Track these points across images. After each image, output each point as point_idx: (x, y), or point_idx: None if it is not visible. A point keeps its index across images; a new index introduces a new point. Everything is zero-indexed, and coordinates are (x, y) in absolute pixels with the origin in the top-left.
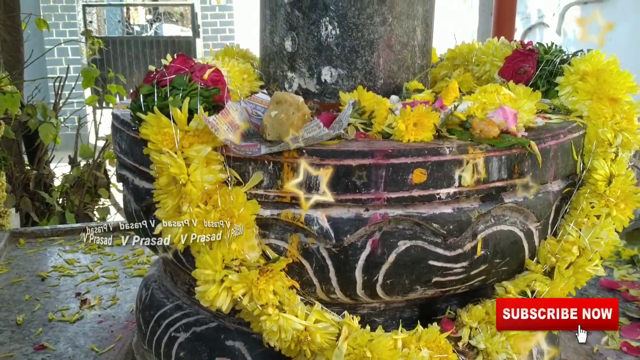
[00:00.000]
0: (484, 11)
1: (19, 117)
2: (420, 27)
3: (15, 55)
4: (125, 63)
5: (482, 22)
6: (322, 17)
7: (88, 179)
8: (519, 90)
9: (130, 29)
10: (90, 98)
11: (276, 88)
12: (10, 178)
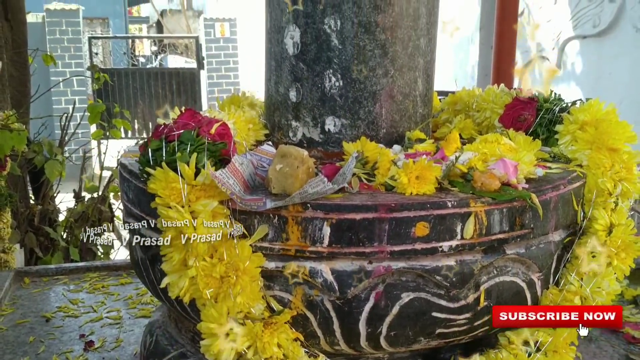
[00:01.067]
0: (484, 44)
1: (25, 154)
2: (421, 78)
3: (22, 90)
4: (130, 94)
5: (483, 56)
6: (326, 70)
7: (92, 213)
8: (519, 139)
9: (135, 60)
10: (96, 133)
11: (281, 136)
12: (15, 214)
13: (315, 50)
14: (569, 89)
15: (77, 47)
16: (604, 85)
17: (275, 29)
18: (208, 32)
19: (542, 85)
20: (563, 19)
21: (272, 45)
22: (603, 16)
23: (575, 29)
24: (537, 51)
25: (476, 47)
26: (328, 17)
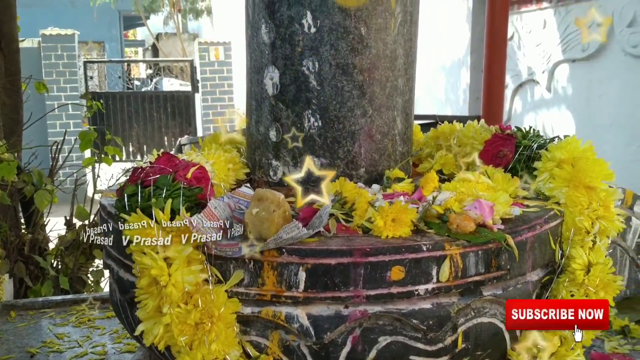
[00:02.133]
0: (475, 68)
1: (15, 183)
2: (400, 117)
3: (15, 117)
4: (125, 117)
5: (474, 79)
6: (305, 110)
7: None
8: (497, 176)
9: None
10: (88, 160)
11: (262, 175)
12: (5, 243)
13: (295, 91)
14: (560, 112)
15: (72, 72)
16: (594, 108)
17: (255, 69)
18: (203, 55)
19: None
20: (552, 43)
21: (253, 85)
22: (592, 40)
23: (564, 53)
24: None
25: (467, 70)
26: (306, 59)
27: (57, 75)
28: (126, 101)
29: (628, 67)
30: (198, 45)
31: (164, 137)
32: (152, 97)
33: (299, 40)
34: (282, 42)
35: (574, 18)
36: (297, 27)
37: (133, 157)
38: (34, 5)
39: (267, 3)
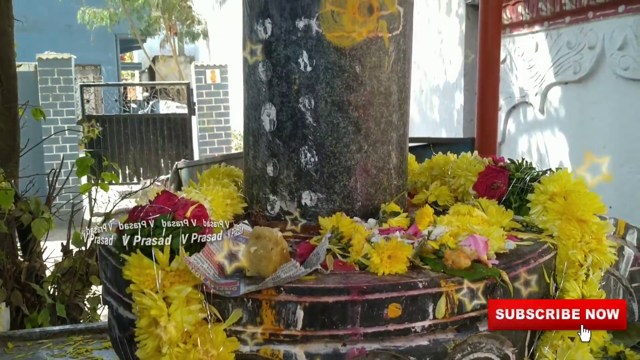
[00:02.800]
0: (469, 90)
1: (12, 212)
2: (395, 151)
3: (12, 144)
4: (122, 140)
5: (467, 101)
6: (302, 146)
7: (80, 267)
8: (491, 209)
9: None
10: (84, 186)
11: (259, 209)
12: (1, 272)
13: (291, 128)
14: (553, 133)
15: (69, 95)
16: (587, 130)
17: (252, 106)
18: (199, 78)
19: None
20: (545, 66)
21: (250, 122)
22: (583, 63)
23: (556, 76)
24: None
25: (461, 93)
26: (303, 97)
27: (54, 99)
28: (123, 124)
29: (620, 90)
30: (194, 68)
31: (161, 160)
32: (149, 119)
33: (296, 78)
34: (279, 80)
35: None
36: (294, 66)
37: (129, 180)
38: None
39: (264, 43)
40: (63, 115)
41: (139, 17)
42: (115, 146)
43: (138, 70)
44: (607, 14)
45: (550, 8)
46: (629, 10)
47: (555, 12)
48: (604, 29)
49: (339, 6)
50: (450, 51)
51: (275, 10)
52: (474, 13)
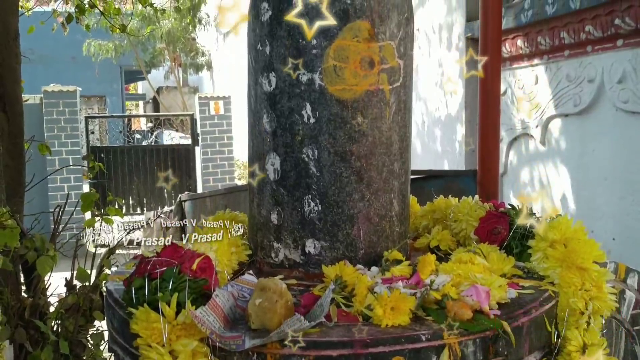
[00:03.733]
0: (470, 122)
1: (17, 250)
2: (397, 199)
3: (18, 179)
4: (126, 171)
5: (469, 133)
6: (305, 195)
7: (84, 303)
8: (493, 256)
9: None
10: (89, 221)
11: (263, 256)
12: (6, 309)
13: (295, 177)
14: (555, 165)
15: (74, 127)
16: (588, 162)
17: (257, 155)
18: (203, 109)
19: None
20: (545, 98)
21: (255, 170)
22: (583, 96)
23: (557, 108)
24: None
25: (462, 125)
26: (306, 147)
27: (59, 130)
28: (127, 155)
29: (620, 122)
30: (198, 99)
31: (164, 190)
32: (153, 150)
33: (299, 129)
34: (283, 131)
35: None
36: (297, 117)
37: (133, 211)
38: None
39: (269, 95)
40: (68, 146)
41: (143, 49)
42: (119, 177)
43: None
44: (606, 48)
45: (549, 42)
46: (627, 45)
47: (555, 46)
48: (602, 63)
49: (341, 61)
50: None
51: (279, 64)
52: (474, 46)
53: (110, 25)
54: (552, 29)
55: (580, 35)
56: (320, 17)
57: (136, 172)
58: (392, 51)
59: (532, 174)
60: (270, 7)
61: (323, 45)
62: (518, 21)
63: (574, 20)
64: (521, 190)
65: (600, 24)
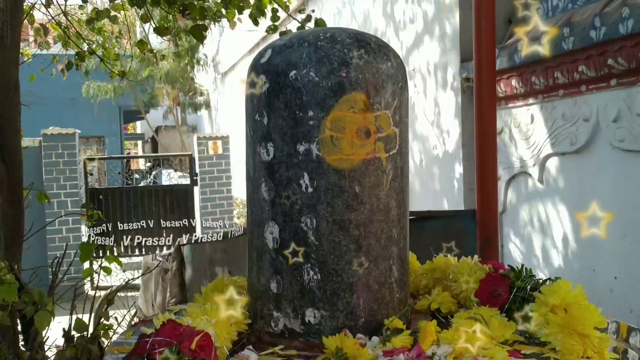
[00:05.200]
0: (467, 161)
1: (15, 304)
2: (396, 265)
3: (16, 228)
4: (124, 212)
5: (467, 172)
6: (305, 264)
7: (82, 355)
8: (494, 322)
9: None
10: (87, 271)
11: (263, 325)
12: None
13: (294, 246)
14: (554, 204)
15: (72, 169)
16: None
17: (256, 223)
18: (201, 149)
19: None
20: (541, 137)
21: (254, 238)
22: (579, 134)
23: (554, 146)
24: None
25: (460, 163)
26: (304, 216)
27: (58, 173)
28: (125, 196)
29: (617, 161)
30: (197, 139)
31: (163, 231)
32: (152, 191)
33: (297, 198)
34: (281, 200)
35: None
36: (295, 186)
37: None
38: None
39: (267, 164)
40: (66, 189)
41: (142, 90)
42: (117, 218)
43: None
44: (600, 87)
45: (543, 82)
46: (621, 84)
47: (549, 86)
48: (597, 102)
49: (338, 131)
50: (448, 123)
51: (277, 135)
52: (468, 86)
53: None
54: (545, 69)
55: (574, 75)
56: (316, 90)
57: (135, 214)
58: (388, 120)
59: (532, 213)
60: (267, 80)
61: (320, 117)
62: (512, 62)
63: (567, 60)
64: (521, 229)
65: (593, 64)
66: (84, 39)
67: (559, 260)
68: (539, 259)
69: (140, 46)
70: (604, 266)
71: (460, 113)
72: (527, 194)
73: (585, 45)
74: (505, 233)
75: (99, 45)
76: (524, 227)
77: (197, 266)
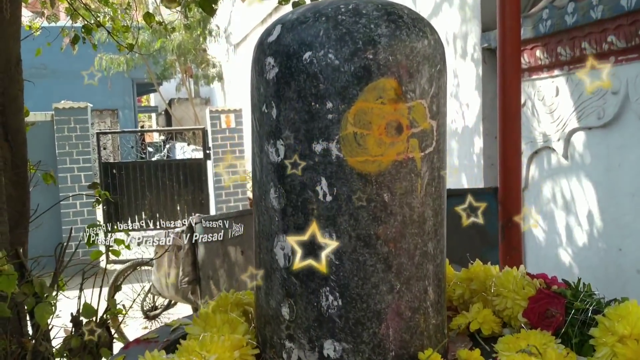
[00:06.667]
0: (488, 135)
1: (15, 295)
2: (432, 286)
3: (20, 209)
4: (138, 186)
5: (487, 146)
6: (322, 287)
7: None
8: (550, 355)
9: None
10: (95, 254)
11: (273, 355)
12: (6, 356)
13: (310, 266)
14: (579, 180)
15: (85, 144)
16: (614, 177)
17: (264, 235)
18: (214, 123)
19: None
20: (567, 110)
21: (262, 252)
22: (607, 108)
23: (579, 121)
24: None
25: (480, 137)
26: (322, 230)
27: (70, 147)
28: (139, 170)
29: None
30: (209, 113)
31: (177, 205)
32: (165, 165)
33: (314, 209)
34: (294, 210)
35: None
36: (311, 194)
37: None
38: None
39: (276, 166)
40: (79, 163)
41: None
42: (131, 192)
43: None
44: (630, 59)
45: (569, 52)
46: None
47: (575, 57)
48: (627, 74)
49: (363, 127)
50: (468, 95)
51: (288, 131)
52: (490, 57)
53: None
54: (572, 39)
55: (602, 45)
56: (336, 76)
57: (149, 188)
58: (424, 111)
59: (555, 189)
60: (276, 63)
61: (340, 109)
62: (537, 31)
63: (595, 30)
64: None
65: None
66: (91, 11)
67: (584, 239)
68: (562, 238)
69: (147, 18)
70: (630, 246)
71: (481, 85)
72: (550, 170)
73: (615, 14)
74: (526, 210)
75: (107, 18)
76: (546, 205)
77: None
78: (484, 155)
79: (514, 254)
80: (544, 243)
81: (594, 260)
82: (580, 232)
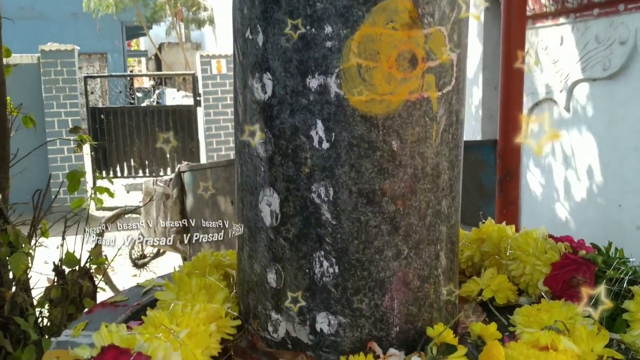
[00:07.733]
0: (488, 85)
1: None
2: (444, 250)
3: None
4: (127, 132)
5: (487, 97)
6: (315, 251)
7: (72, 289)
8: (580, 332)
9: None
10: (77, 202)
11: (258, 328)
12: None
13: (301, 225)
14: (580, 133)
15: (72, 87)
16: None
17: (247, 188)
18: (204, 68)
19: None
20: (571, 61)
21: (245, 208)
22: (613, 59)
23: (584, 72)
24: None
25: (479, 87)
26: (317, 184)
27: (57, 91)
28: (127, 116)
29: None
30: (200, 58)
31: (166, 152)
32: (154, 111)
33: (307, 157)
34: (283, 159)
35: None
36: (304, 140)
37: (135, 173)
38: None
39: (263, 105)
40: (67, 107)
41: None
42: (120, 138)
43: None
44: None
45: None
46: None
47: (582, 4)
48: (636, 23)
49: (369, 59)
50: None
51: (277, 62)
52: (493, 3)
53: None
54: None
55: None
56: None
57: (137, 134)
58: (443, 41)
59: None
60: None
61: (342, 35)
62: None
63: None
64: (542, 160)
65: None
66: None
67: (582, 194)
68: (560, 193)
69: None
70: (630, 202)
71: (482, 32)
72: (551, 122)
73: None
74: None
75: None
76: (544, 158)
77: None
78: (483, 106)
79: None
80: (541, 197)
81: (592, 215)
82: (579, 187)
